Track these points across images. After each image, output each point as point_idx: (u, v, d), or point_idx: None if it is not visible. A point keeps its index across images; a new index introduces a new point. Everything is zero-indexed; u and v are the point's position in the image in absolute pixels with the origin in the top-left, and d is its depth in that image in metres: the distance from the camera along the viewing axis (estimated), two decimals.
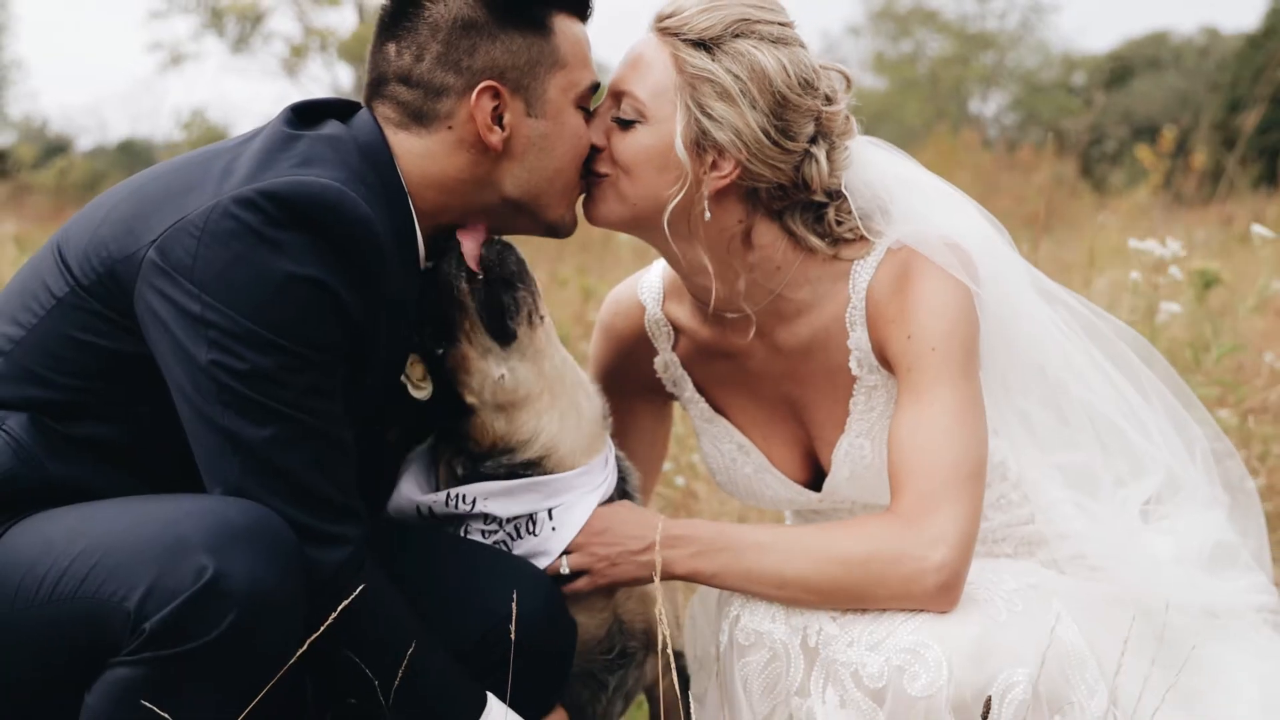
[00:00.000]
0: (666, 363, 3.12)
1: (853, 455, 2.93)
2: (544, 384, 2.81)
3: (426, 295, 2.74)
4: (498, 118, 2.65)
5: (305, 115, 2.68)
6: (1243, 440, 4.67)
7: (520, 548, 2.81)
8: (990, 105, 39.67)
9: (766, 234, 2.84)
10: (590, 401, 2.90)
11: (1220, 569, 3.05)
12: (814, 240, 2.83)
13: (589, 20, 2.77)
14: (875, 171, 2.89)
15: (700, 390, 3.10)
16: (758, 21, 2.73)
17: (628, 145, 2.76)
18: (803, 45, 2.79)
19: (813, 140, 2.77)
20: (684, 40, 2.73)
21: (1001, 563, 2.91)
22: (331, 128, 2.64)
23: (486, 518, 2.81)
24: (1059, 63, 39.07)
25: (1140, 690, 2.65)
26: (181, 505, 2.40)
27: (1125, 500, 3.04)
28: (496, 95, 2.64)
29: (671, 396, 3.19)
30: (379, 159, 2.63)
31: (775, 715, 2.76)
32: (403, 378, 2.79)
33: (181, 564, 2.29)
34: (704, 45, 2.72)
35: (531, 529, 2.80)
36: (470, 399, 2.79)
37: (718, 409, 3.09)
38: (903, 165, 2.98)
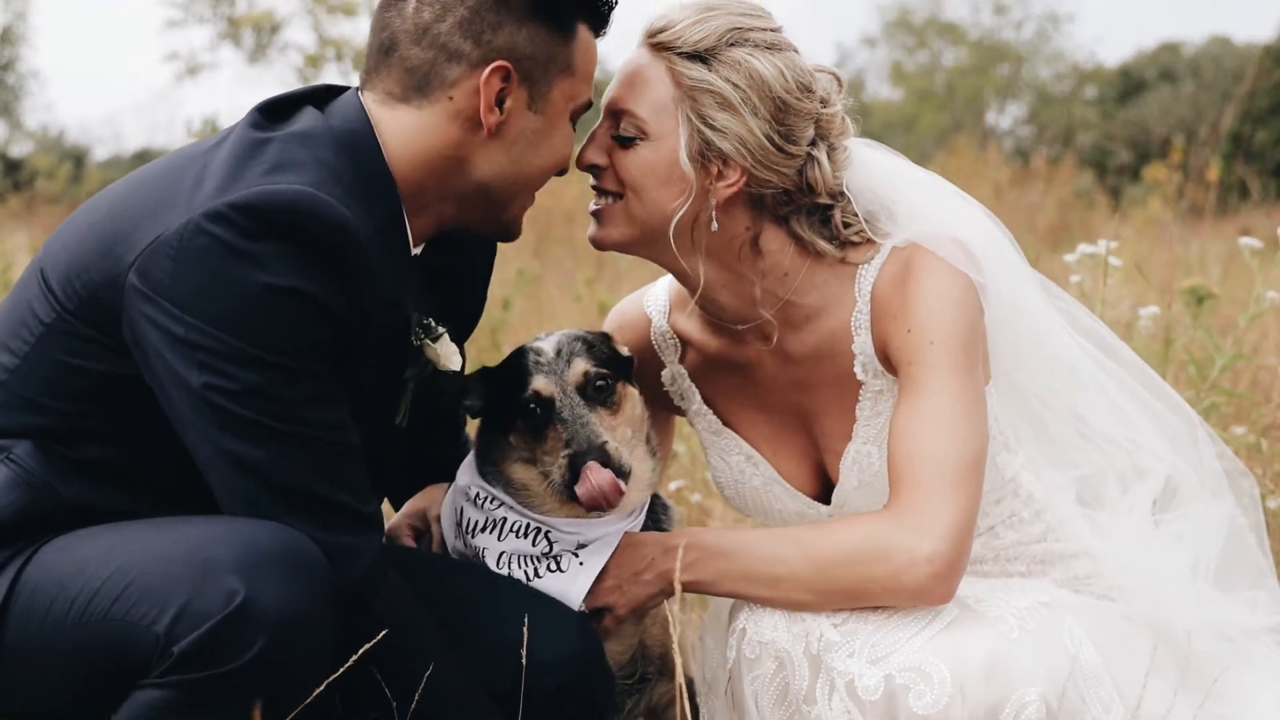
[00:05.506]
0: (674, 375, 3.12)
1: (860, 463, 2.91)
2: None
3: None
4: (499, 100, 2.63)
5: (274, 113, 2.63)
6: (1259, 459, 4.62)
7: (545, 584, 2.79)
8: (1006, 118, 39.64)
9: (774, 240, 2.84)
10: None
11: (1234, 574, 3.01)
12: (821, 244, 2.84)
13: (602, 38, 2.77)
14: (876, 170, 2.90)
15: (708, 403, 3.09)
16: (750, 29, 2.75)
17: (631, 162, 2.77)
18: (795, 50, 2.80)
19: (813, 143, 2.79)
20: (679, 54, 2.74)
21: (1013, 582, 2.90)
22: (304, 121, 2.59)
23: (515, 529, 2.82)
24: (1073, 74, 39.00)
25: (1165, 715, 2.62)
26: (214, 528, 2.40)
27: (1133, 506, 3.01)
28: (507, 78, 2.62)
29: (676, 410, 3.18)
30: (361, 146, 2.59)
31: None
32: (428, 354, 2.76)
33: (212, 587, 2.30)
34: (699, 57, 2.73)
35: (558, 566, 2.80)
36: (514, 437, 2.83)
37: (726, 422, 3.08)
38: (901, 164, 2.98)
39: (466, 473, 2.94)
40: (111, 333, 2.47)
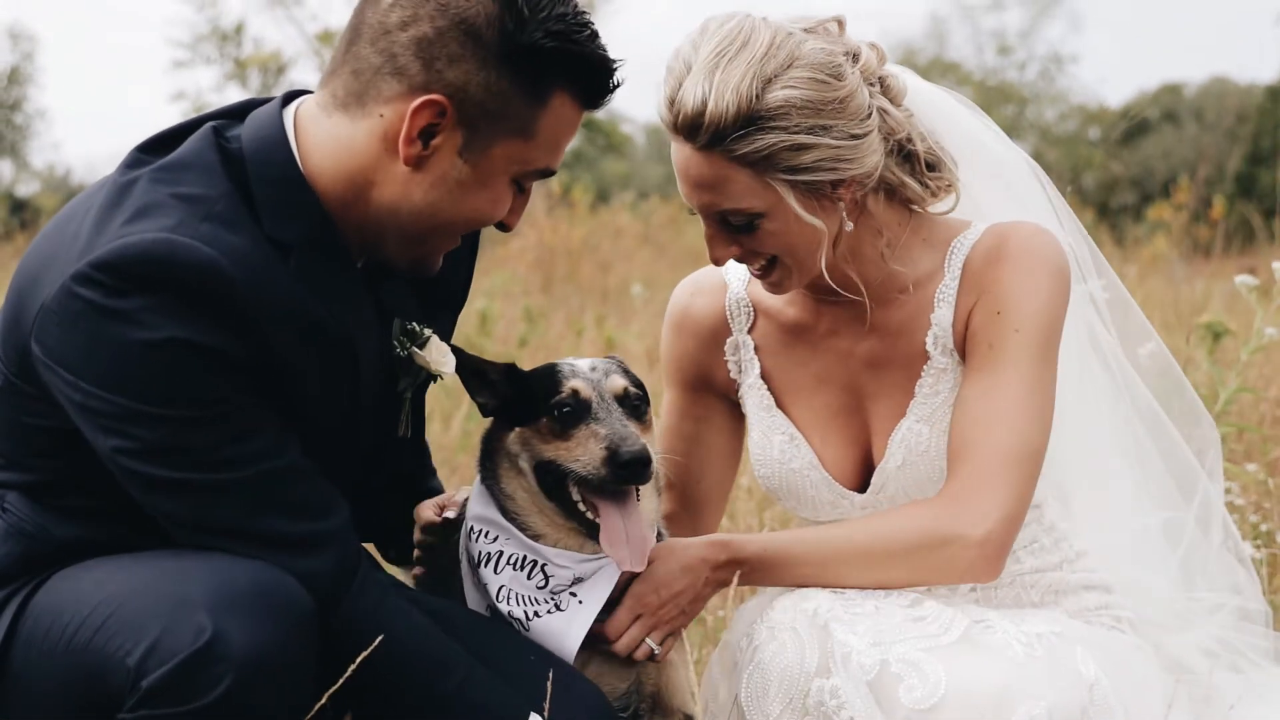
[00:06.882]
0: (738, 344, 3.10)
1: (909, 441, 2.89)
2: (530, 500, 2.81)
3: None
4: (427, 133, 2.46)
5: (156, 146, 2.54)
6: (1269, 495, 4.60)
7: (544, 624, 2.74)
8: None
9: (871, 198, 2.84)
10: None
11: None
12: (911, 183, 2.82)
13: (594, 110, 2.62)
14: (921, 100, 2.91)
15: (765, 378, 3.06)
16: (762, 64, 2.64)
17: (765, 240, 2.76)
18: (797, 40, 2.69)
19: (870, 96, 2.75)
20: (728, 139, 2.64)
21: (1026, 611, 2.87)
22: (182, 148, 2.48)
23: (513, 561, 2.77)
24: (1077, 114, 39.10)
25: None
26: (197, 563, 2.37)
27: (1146, 525, 3.02)
28: (442, 114, 2.44)
29: (730, 385, 3.13)
30: (273, 162, 2.47)
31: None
32: (419, 361, 2.71)
33: (183, 623, 2.25)
34: (747, 126, 2.63)
35: (557, 607, 2.74)
36: (519, 433, 2.78)
37: (778, 401, 3.05)
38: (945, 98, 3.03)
39: (472, 503, 2.89)
40: (47, 389, 2.43)
